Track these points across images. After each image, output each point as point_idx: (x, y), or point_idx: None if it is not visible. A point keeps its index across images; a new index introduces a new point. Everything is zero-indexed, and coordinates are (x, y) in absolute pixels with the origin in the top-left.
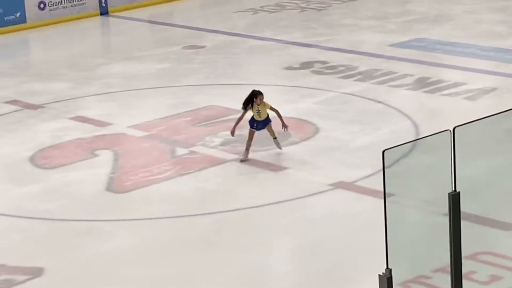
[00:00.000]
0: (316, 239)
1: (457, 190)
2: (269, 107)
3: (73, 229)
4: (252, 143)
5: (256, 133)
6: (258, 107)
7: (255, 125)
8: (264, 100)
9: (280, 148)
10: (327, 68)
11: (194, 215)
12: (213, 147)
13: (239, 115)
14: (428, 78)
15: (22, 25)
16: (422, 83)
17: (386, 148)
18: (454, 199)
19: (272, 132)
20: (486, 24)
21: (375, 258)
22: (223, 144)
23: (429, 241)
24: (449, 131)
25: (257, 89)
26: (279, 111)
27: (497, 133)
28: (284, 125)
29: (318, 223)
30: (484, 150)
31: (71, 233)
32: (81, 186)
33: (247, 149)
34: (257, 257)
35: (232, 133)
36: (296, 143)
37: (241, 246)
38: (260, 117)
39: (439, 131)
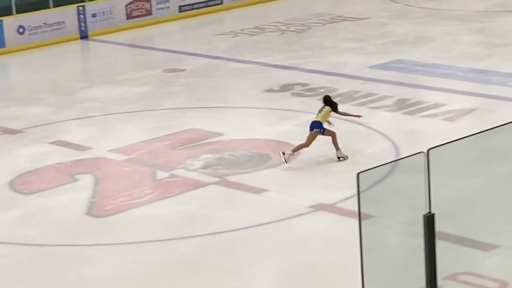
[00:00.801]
0: (299, 261)
1: (432, 212)
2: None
3: (54, 255)
4: (232, 166)
5: (239, 155)
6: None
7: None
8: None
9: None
10: (308, 90)
11: (176, 238)
12: (193, 170)
13: (218, 138)
14: (408, 99)
15: (1, 50)
16: (402, 105)
17: (361, 170)
18: (429, 220)
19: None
20: (465, 45)
21: (358, 280)
22: (203, 167)
23: (407, 262)
24: (423, 153)
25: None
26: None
27: (475, 154)
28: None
29: (300, 246)
30: (464, 170)
31: (51, 258)
32: (61, 211)
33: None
34: (240, 281)
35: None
36: (277, 165)
37: (224, 269)
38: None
39: (414, 153)
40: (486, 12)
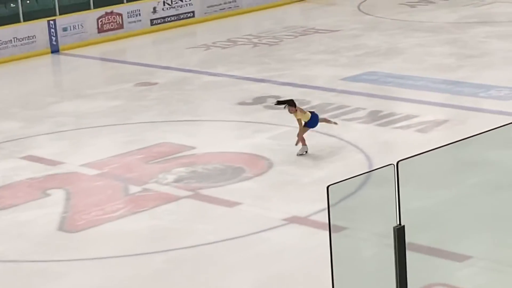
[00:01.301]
0: (273, 274)
1: (402, 224)
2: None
3: (26, 270)
4: (205, 180)
5: (212, 168)
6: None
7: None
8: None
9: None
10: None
11: (149, 253)
12: (166, 184)
13: (191, 151)
14: (380, 111)
15: None
16: (375, 116)
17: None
18: (399, 232)
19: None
20: (437, 57)
21: None
22: (176, 181)
23: (379, 274)
24: (393, 165)
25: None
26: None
27: (447, 165)
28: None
29: (273, 259)
30: (435, 181)
31: (23, 274)
32: (33, 226)
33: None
34: None
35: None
36: (250, 178)
37: (198, 283)
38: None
39: (384, 165)
40: (457, 23)
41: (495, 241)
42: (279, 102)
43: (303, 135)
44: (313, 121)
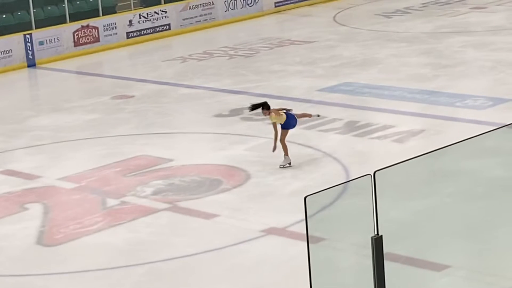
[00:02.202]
0: (251, 286)
1: (380, 234)
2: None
3: (4, 285)
4: (182, 192)
5: (189, 180)
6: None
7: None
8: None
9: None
10: (257, 114)
11: (127, 266)
12: (144, 197)
13: (168, 164)
14: (357, 121)
15: None
16: (351, 127)
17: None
18: (377, 242)
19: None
20: (412, 67)
21: None
22: (154, 193)
23: (357, 285)
24: (370, 175)
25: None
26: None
27: (424, 175)
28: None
29: (252, 270)
30: (412, 191)
31: None
32: (10, 240)
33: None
34: None
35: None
36: (227, 190)
37: None
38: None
39: (361, 175)
40: (432, 33)
41: (473, 250)
42: (254, 106)
43: (285, 141)
44: (290, 121)
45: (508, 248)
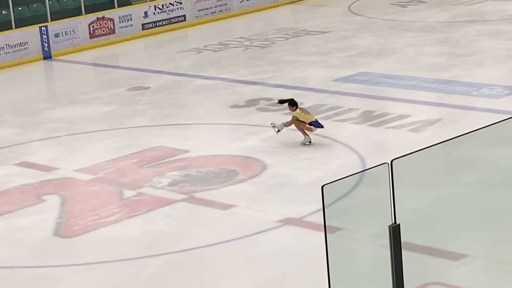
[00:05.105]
0: (268, 277)
1: (397, 222)
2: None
3: (22, 277)
4: (199, 183)
5: (206, 171)
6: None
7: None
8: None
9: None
10: (273, 105)
11: (144, 257)
12: (160, 188)
13: (184, 155)
14: (373, 111)
15: None
16: (367, 117)
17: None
18: (395, 231)
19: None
20: (428, 56)
21: None
22: (170, 184)
23: (375, 274)
24: (387, 164)
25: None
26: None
27: (441, 164)
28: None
29: (269, 261)
30: (430, 180)
31: (19, 280)
32: (28, 232)
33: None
34: None
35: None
36: (244, 180)
37: (193, 286)
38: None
39: (378, 164)
40: (448, 22)
41: (490, 239)
42: (281, 101)
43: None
44: (317, 122)
45: None
